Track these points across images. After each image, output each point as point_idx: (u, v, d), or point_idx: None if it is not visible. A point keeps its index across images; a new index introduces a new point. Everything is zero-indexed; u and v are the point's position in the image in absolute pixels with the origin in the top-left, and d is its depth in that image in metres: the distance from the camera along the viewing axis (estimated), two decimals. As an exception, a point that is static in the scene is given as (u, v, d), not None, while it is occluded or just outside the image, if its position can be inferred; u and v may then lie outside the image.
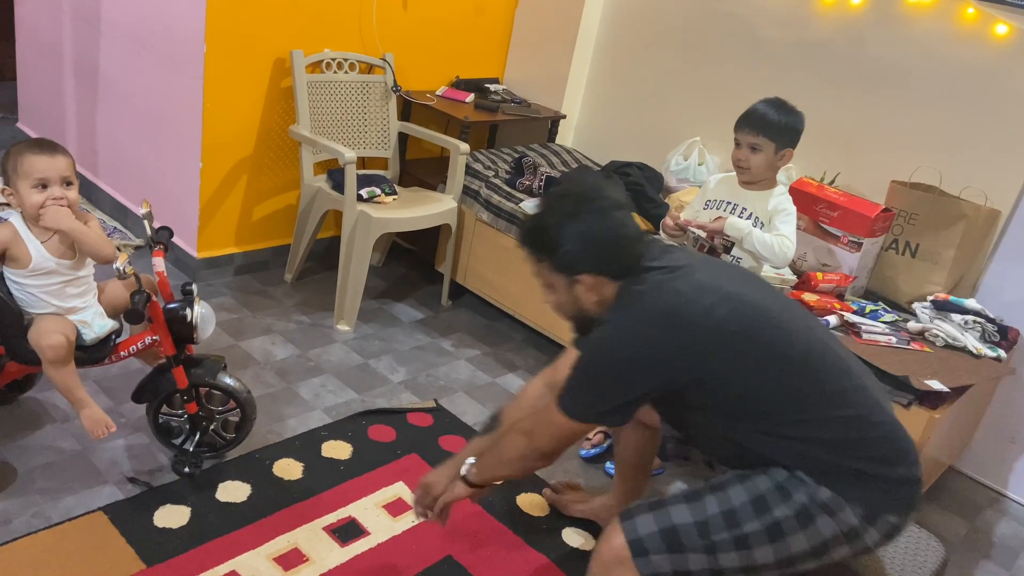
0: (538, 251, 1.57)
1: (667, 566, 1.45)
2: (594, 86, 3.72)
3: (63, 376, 1.90)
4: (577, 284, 1.54)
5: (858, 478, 1.44)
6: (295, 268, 3.22)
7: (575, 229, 1.50)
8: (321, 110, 3.09)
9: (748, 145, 2.22)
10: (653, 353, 1.45)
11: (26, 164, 1.82)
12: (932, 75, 2.78)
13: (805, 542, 1.44)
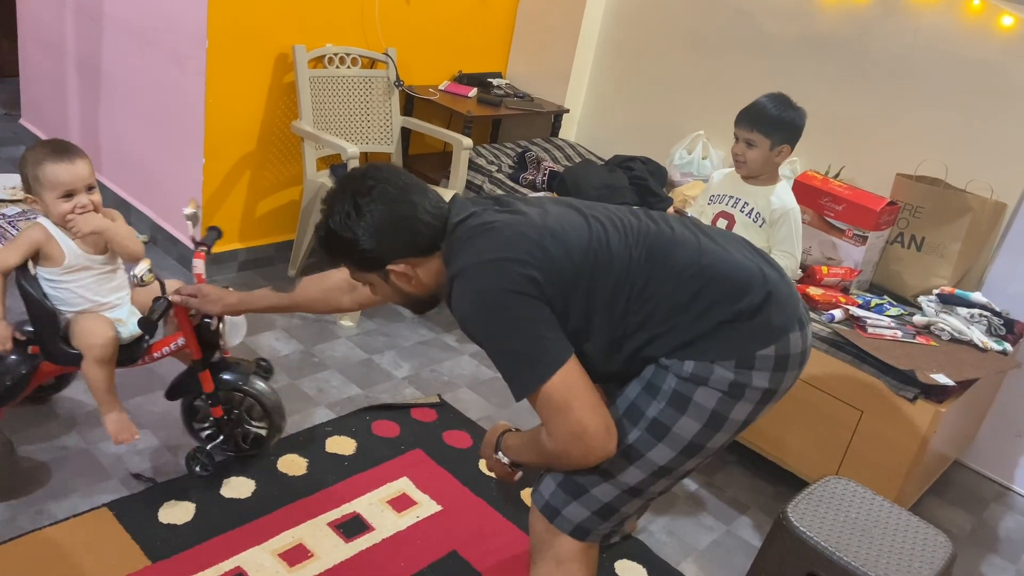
0: (339, 258, 1.48)
1: (582, 511, 1.46)
2: (597, 80, 3.71)
3: (104, 375, 1.90)
4: (391, 274, 1.45)
5: (711, 333, 1.38)
6: (299, 264, 3.21)
7: (362, 225, 1.40)
8: (323, 105, 3.08)
9: (744, 140, 2.22)
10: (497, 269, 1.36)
11: (49, 175, 1.81)
12: (938, 68, 2.76)
13: (694, 423, 1.40)
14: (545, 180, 3.11)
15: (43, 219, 1.89)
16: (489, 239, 1.39)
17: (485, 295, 1.36)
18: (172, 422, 2.29)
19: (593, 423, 1.34)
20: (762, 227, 2.30)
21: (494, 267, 1.36)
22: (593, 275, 1.39)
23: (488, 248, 1.37)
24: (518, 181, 3.15)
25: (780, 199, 2.29)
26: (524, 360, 1.35)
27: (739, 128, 2.24)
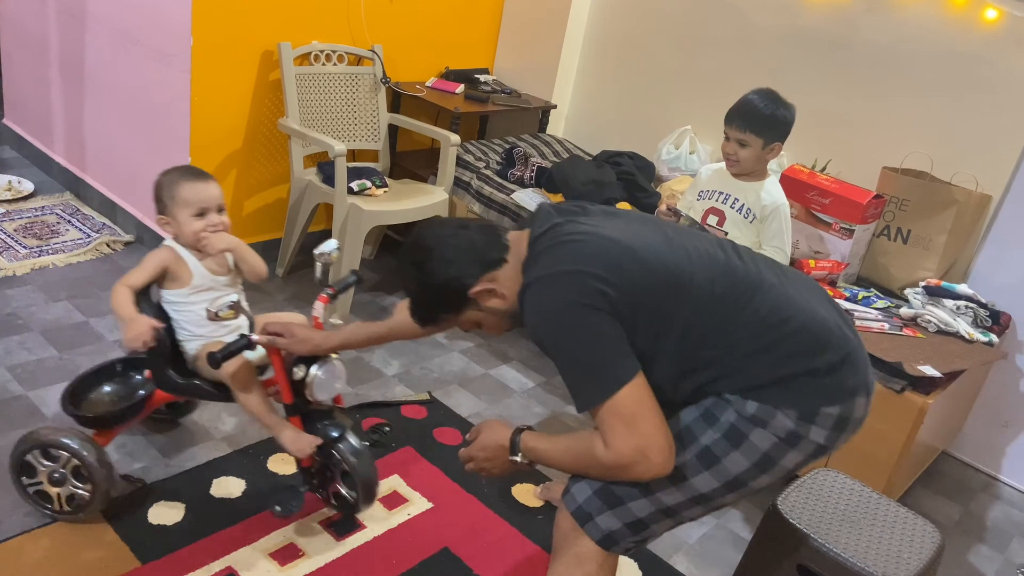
0: (438, 316, 1.51)
1: (615, 522, 1.45)
2: (584, 75, 3.71)
3: (255, 400, 1.86)
4: (479, 298, 1.46)
5: (782, 381, 1.39)
6: (286, 262, 3.20)
7: (426, 272, 1.45)
8: (310, 103, 3.07)
9: (736, 140, 2.23)
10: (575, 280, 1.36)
11: (184, 192, 1.85)
12: (923, 61, 2.77)
13: (744, 459, 1.40)
14: (533, 176, 3.11)
15: (170, 241, 1.90)
16: (567, 251, 1.39)
17: (557, 305, 1.36)
18: (161, 423, 2.28)
19: (659, 442, 1.34)
20: (752, 223, 2.31)
21: (568, 278, 1.36)
22: (668, 300, 1.38)
23: (565, 259, 1.38)
24: (506, 177, 3.15)
25: (770, 195, 2.30)
26: (592, 373, 1.36)
27: (731, 128, 2.23)
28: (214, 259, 1.91)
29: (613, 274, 1.36)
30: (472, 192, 3.14)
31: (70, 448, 1.79)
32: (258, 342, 1.75)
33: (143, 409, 1.98)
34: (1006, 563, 2.40)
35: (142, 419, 2.06)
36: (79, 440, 1.80)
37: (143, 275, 1.85)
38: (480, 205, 3.12)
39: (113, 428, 1.95)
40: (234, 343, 1.72)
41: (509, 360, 2.97)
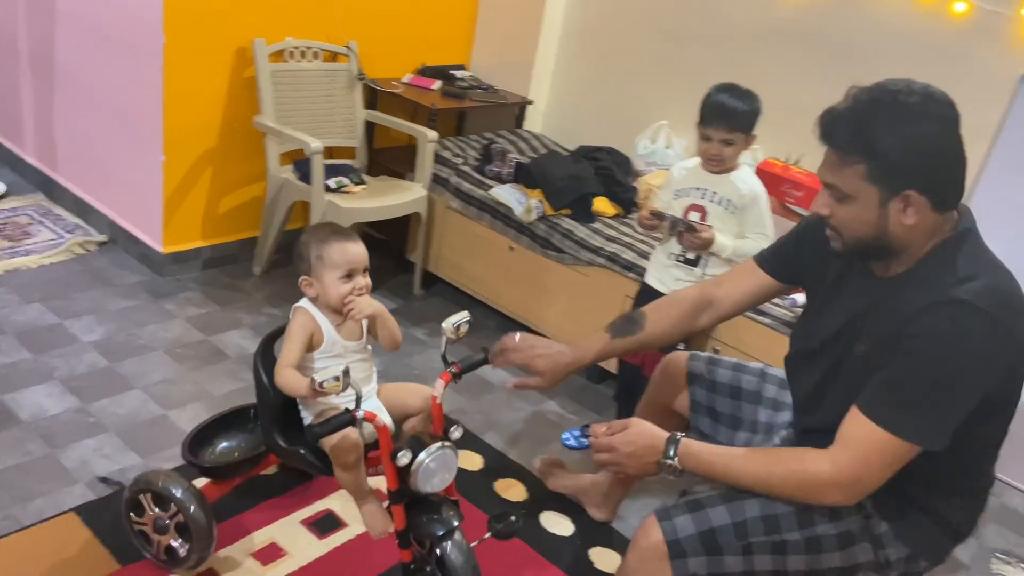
0: (854, 150, 1.30)
1: (703, 569, 1.41)
2: (561, 71, 3.72)
3: (352, 478, 1.72)
4: (894, 201, 1.30)
5: (930, 526, 1.42)
6: (264, 261, 3.18)
7: (912, 134, 1.26)
8: (285, 100, 3.05)
9: (721, 140, 2.23)
10: (1004, 347, 1.27)
11: (334, 253, 1.71)
12: (894, 54, 2.81)
13: (838, 560, 1.43)
14: (511, 172, 3.12)
15: (305, 303, 1.75)
16: (995, 288, 1.29)
17: (973, 347, 1.26)
18: (138, 424, 2.27)
19: (866, 491, 1.33)
20: (734, 214, 2.32)
21: (999, 333, 1.26)
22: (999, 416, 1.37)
23: (996, 300, 1.27)
24: (484, 173, 3.16)
25: (747, 184, 2.32)
26: (924, 413, 1.29)
27: (715, 130, 2.23)
28: (350, 324, 1.77)
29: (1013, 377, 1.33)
30: (451, 189, 3.14)
31: (178, 501, 1.72)
32: (365, 418, 1.55)
33: (260, 464, 1.90)
34: (980, 548, 2.45)
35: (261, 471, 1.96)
36: (189, 495, 1.72)
37: (297, 349, 1.69)
38: (459, 202, 3.12)
39: (229, 480, 1.89)
40: (335, 418, 1.54)
41: (489, 356, 2.98)
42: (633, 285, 2.65)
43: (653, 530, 1.42)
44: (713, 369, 1.82)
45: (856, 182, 1.32)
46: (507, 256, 3.02)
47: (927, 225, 1.33)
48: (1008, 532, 2.54)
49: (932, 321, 1.27)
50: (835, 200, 1.36)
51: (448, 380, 1.70)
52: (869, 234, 1.34)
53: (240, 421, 1.97)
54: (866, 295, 1.42)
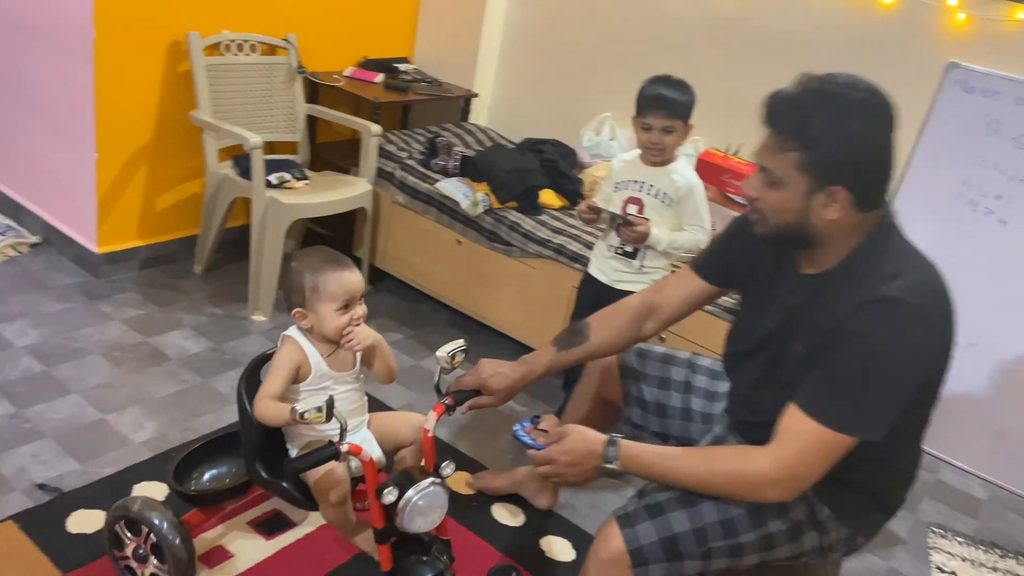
0: (792, 137, 1.32)
1: (663, 574, 1.42)
2: (505, 64, 3.72)
3: (339, 515, 1.67)
4: (819, 194, 1.32)
5: (866, 505, 1.47)
6: (204, 259, 3.12)
7: (854, 131, 1.29)
8: (222, 94, 2.98)
9: (661, 128, 2.26)
10: (935, 339, 1.32)
11: (334, 284, 1.62)
12: (827, 45, 2.89)
13: (787, 552, 1.47)
14: (457, 165, 3.11)
15: (293, 332, 1.68)
16: (922, 282, 1.34)
17: (912, 342, 1.29)
18: (76, 429, 2.21)
19: (804, 486, 1.35)
20: (670, 206, 2.36)
21: (932, 329, 1.32)
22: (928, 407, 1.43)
23: (925, 293, 1.32)
24: (430, 167, 3.14)
25: (682, 176, 2.35)
26: (864, 408, 1.31)
27: (655, 117, 2.25)
28: (342, 354, 1.70)
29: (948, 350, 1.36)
30: (396, 183, 3.12)
31: (148, 522, 1.65)
32: (350, 452, 1.47)
33: (243, 493, 1.82)
34: (917, 522, 2.54)
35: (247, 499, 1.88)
36: (159, 515, 1.66)
37: (280, 381, 1.62)
38: (405, 196, 3.10)
39: (214, 508, 1.82)
40: (317, 451, 1.45)
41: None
42: (580, 275, 2.67)
43: (614, 538, 1.41)
44: (643, 361, 1.85)
45: (789, 169, 1.34)
46: (454, 250, 3.01)
47: (848, 222, 1.36)
48: (943, 507, 2.64)
49: (866, 319, 1.30)
50: (765, 184, 1.38)
51: (441, 412, 1.62)
52: (791, 222, 1.37)
53: (229, 446, 1.87)
54: (798, 292, 1.45)
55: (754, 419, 1.52)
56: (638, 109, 2.28)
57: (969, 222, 2.70)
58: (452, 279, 3.07)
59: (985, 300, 2.72)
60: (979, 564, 2.37)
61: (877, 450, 1.36)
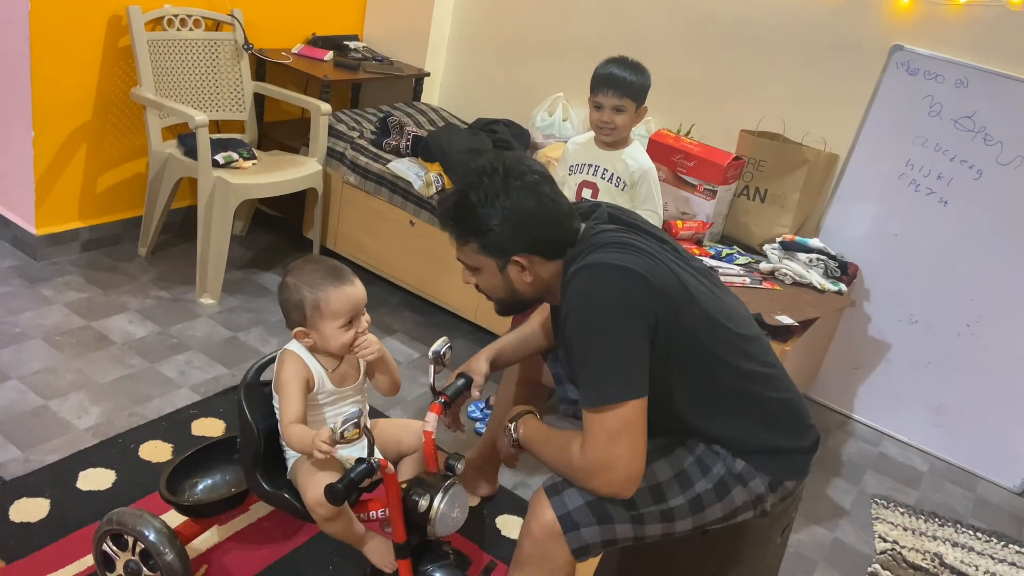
0: (463, 233, 1.45)
1: (597, 537, 1.44)
2: (457, 43, 3.68)
3: (338, 529, 1.59)
4: (510, 266, 1.45)
5: (767, 450, 1.50)
6: (149, 241, 3.03)
7: (504, 207, 1.40)
8: (166, 71, 2.89)
9: (612, 108, 2.26)
10: (635, 284, 1.35)
11: (337, 302, 1.55)
12: (776, 29, 2.92)
13: (720, 511, 1.50)
14: (409, 145, 3.07)
15: (295, 346, 1.62)
16: (630, 253, 1.39)
17: (612, 296, 1.35)
18: (16, 416, 2.14)
19: (628, 468, 1.35)
20: (624, 190, 2.37)
21: (631, 278, 1.35)
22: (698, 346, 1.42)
23: (632, 260, 1.37)
24: (381, 147, 3.10)
25: (636, 160, 2.36)
26: (607, 376, 1.34)
27: (605, 96, 2.25)
28: (344, 368, 1.65)
29: (666, 295, 1.37)
30: (347, 163, 3.07)
31: (133, 530, 1.59)
32: (380, 466, 1.44)
33: (241, 503, 1.77)
34: (860, 494, 2.62)
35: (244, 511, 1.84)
36: (141, 520, 1.60)
37: (298, 402, 1.57)
38: (355, 176, 3.06)
39: (209, 518, 1.77)
40: (355, 470, 1.40)
41: (393, 332, 2.95)
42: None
43: (543, 508, 1.44)
44: None
45: (476, 256, 1.47)
46: (407, 231, 2.99)
47: (549, 271, 1.48)
48: (886, 478, 2.73)
49: (571, 292, 1.40)
50: (471, 272, 1.52)
51: (439, 412, 1.61)
52: (505, 295, 1.51)
53: (221, 454, 1.82)
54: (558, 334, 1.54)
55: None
56: (591, 88, 2.28)
57: (912, 201, 2.77)
58: (405, 261, 3.05)
59: (926, 278, 2.80)
60: (920, 533, 2.46)
61: (712, 395, 1.45)
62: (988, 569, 2.35)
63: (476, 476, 2.19)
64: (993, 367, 2.75)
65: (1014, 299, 2.68)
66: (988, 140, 2.63)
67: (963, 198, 2.69)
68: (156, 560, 1.60)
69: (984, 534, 2.51)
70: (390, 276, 3.13)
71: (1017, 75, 2.56)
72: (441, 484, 1.48)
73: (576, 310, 1.37)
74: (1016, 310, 2.69)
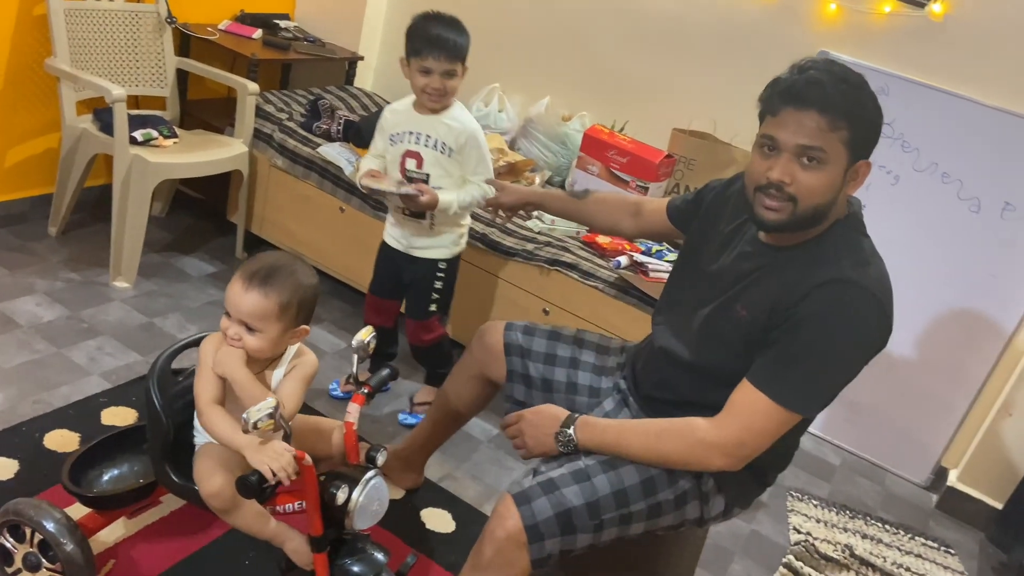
0: (846, 115, 1.33)
1: (557, 548, 1.43)
2: (392, 28, 3.62)
3: (239, 521, 1.52)
4: (850, 171, 1.37)
5: (747, 479, 1.52)
6: (60, 220, 2.88)
7: (875, 106, 1.37)
8: (83, 41, 2.75)
9: (443, 72, 2.12)
10: (886, 329, 1.38)
11: (227, 291, 1.48)
12: (709, 28, 2.97)
13: (671, 520, 1.52)
14: (340, 130, 3.00)
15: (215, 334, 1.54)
16: (884, 277, 1.40)
17: (866, 331, 1.37)
18: None
19: (747, 457, 1.42)
20: (451, 157, 2.22)
21: (885, 323, 1.38)
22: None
23: (884, 289, 1.38)
24: (311, 130, 3.02)
25: (459, 121, 2.20)
26: (811, 388, 1.38)
27: (436, 61, 2.10)
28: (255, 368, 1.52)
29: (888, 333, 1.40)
30: (275, 145, 2.98)
31: (30, 520, 1.50)
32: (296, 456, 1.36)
33: (149, 495, 1.67)
34: (777, 487, 2.68)
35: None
36: (39, 510, 1.51)
37: (214, 379, 1.49)
38: (284, 159, 2.97)
39: (115, 511, 1.67)
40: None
41: (321, 321, 2.89)
42: (466, 248, 2.65)
43: (510, 516, 1.42)
44: (529, 338, 1.85)
45: (838, 147, 1.35)
46: (337, 217, 2.92)
47: (844, 199, 1.43)
48: (801, 472, 2.81)
49: (829, 299, 1.35)
50: (802, 167, 1.36)
51: (362, 402, 1.56)
52: (826, 202, 1.38)
53: (130, 443, 1.72)
54: (756, 259, 1.48)
55: (664, 396, 1.58)
56: (414, 51, 2.12)
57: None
58: (335, 248, 2.98)
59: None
60: (831, 525, 2.54)
61: None
62: (895, 560, 2.45)
63: (403, 468, 2.15)
64: (904, 367, 2.87)
65: (925, 302, 2.80)
66: (906, 147, 2.73)
67: (881, 202, 2.79)
68: (56, 551, 1.52)
69: (892, 526, 2.62)
70: (319, 264, 3.05)
71: (934, 84, 2.66)
72: (360, 476, 1.44)
73: (827, 321, 1.35)
74: (926, 309, 2.81)
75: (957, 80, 2.64)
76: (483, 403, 2.00)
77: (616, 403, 1.70)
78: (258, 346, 1.48)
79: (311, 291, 1.54)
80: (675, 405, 1.54)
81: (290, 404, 1.47)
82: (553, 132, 3.12)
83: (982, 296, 2.71)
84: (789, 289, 1.39)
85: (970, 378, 2.78)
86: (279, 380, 1.54)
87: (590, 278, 2.51)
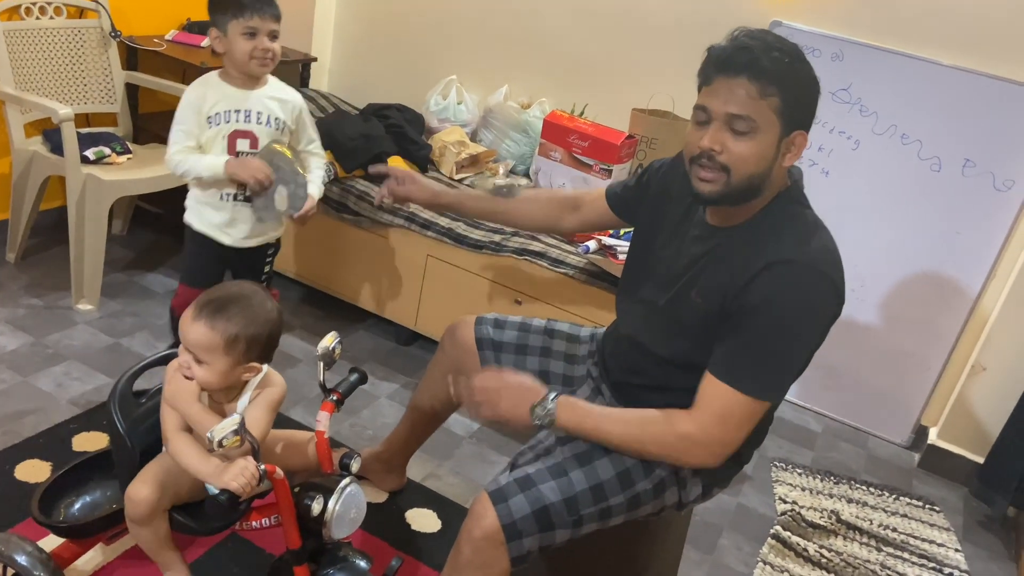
0: (771, 82, 1.30)
1: (536, 545, 1.42)
2: (344, 27, 3.57)
3: (144, 536, 1.49)
4: (785, 141, 1.35)
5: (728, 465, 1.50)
6: (18, 246, 2.82)
7: (810, 73, 1.35)
8: (25, 62, 2.68)
9: (269, 33, 1.98)
10: (837, 300, 1.37)
11: (183, 321, 1.43)
12: (660, 5, 2.95)
13: (651, 508, 1.51)
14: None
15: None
16: (827, 248, 1.38)
17: (814, 306, 1.35)
18: None
19: (727, 450, 1.40)
20: (285, 133, 2.11)
21: (837, 297, 1.37)
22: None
23: (830, 263, 1.37)
24: (267, 136, 2.97)
25: (286, 92, 2.11)
26: (772, 373, 1.37)
27: (261, 19, 1.96)
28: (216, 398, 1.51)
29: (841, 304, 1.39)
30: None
31: (1, 555, 1.48)
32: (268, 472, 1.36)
33: (123, 520, 1.59)
34: (760, 458, 2.71)
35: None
36: (9, 543, 1.49)
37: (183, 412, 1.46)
38: (241, 168, 2.92)
39: (89, 539, 1.63)
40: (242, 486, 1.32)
41: (293, 329, 2.85)
42: (433, 243, 2.63)
43: (487, 515, 1.40)
44: (500, 331, 1.84)
45: (769, 115, 1.32)
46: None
47: (781, 173, 1.40)
48: (784, 442, 2.83)
49: (776, 282, 1.33)
50: (734, 135, 1.33)
51: (332, 410, 1.53)
52: (761, 172, 1.35)
53: (100, 470, 1.68)
54: (704, 243, 1.46)
55: (634, 380, 1.57)
56: (234, 12, 1.95)
57: (796, 174, 2.86)
58: (300, 254, 2.94)
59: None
60: (817, 492, 2.56)
61: None
62: (882, 522, 2.48)
63: (384, 470, 2.13)
64: (878, 330, 2.89)
65: (892, 260, 2.81)
66: (864, 111, 2.74)
67: (843, 168, 2.80)
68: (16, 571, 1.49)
69: (877, 488, 2.64)
70: (285, 271, 3.02)
71: (889, 47, 2.67)
72: (335, 485, 1.42)
73: (777, 306, 1.34)
74: (894, 271, 2.82)
75: (911, 42, 2.65)
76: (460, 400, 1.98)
77: (591, 390, 1.69)
78: (205, 378, 1.43)
79: (266, 327, 1.45)
80: (648, 389, 1.53)
81: (256, 431, 1.41)
82: (513, 121, 3.10)
83: (948, 253, 2.74)
84: (736, 274, 1.36)
85: (943, 335, 2.80)
86: (243, 408, 1.49)
87: (560, 265, 2.50)
